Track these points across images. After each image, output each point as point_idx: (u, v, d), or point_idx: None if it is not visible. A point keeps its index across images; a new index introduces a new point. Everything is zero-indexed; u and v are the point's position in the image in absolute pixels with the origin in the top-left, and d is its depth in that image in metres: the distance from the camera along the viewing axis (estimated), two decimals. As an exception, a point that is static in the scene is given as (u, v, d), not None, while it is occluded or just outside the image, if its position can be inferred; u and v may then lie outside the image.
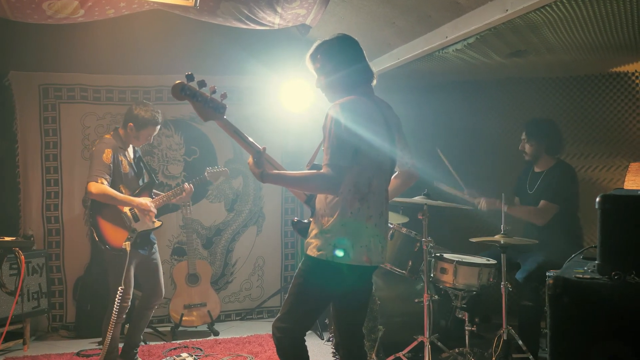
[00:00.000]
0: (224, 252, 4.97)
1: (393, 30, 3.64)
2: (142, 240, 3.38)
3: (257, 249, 5.05)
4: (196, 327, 4.50)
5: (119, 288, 3.16)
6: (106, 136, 3.40)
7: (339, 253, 2.18)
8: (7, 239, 3.15)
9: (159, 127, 3.44)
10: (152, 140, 3.51)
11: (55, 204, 4.55)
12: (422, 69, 4.17)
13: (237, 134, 2.32)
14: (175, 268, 4.54)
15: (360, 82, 2.36)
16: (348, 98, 2.27)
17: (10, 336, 4.01)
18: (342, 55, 2.34)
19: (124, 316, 3.31)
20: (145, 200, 3.38)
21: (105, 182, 3.24)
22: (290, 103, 4.69)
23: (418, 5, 3.19)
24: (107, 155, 3.27)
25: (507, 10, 2.66)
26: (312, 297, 2.29)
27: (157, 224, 3.46)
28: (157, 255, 3.52)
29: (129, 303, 3.30)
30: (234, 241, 5.00)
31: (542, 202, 3.54)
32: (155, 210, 3.42)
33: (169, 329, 4.51)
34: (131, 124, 3.34)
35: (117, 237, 3.29)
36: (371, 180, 2.25)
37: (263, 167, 2.26)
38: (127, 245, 3.16)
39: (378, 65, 4.02)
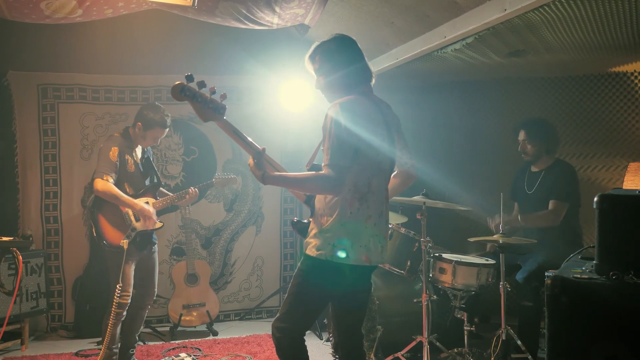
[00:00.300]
0: (223, 252, 4.97)
1: (392, 30, 3.64)
2: (143, 239, 3.38)
3: (256, 249, 5.05)
4: (195, 327, 4.49)
5: (117, 285, 3.17)
6: (115, 134, 3.43)
7: (341, 254, 2.18)
8: (4, 239, 3.15)
9: (167, 130, 3.44)
10: (159, 142, 3.51)
11: (54, 204, 4.54)
12: (420, 68, 4.17)
13: (236, 135, 2.32)
14: (174, 268, 4.53)
15: (359, 82, 2.36)
16: (347, 98, 2.27)
17: (9, 336, 4.00)
18: (341, 56, 2.34)
19: (124, 313, 3.31)
20: (147, 207, 3.38)
21: (111, 180, 3.26)
22: (290, 103, 4.69)
23: (416, 5, 3.19)
24: (114, 153, 3.29)
25: (505, 10, 2.66)
26: (312, 296, 2.29)
27: (158, 224, 3.47)
28: (156, 256, 3.53)
29: (129, 300, 3.31)
30: (233, 241, 4.99)
31: (551, 202, 3.51)
32: (155, 218, 3.42)
33: (167, 329, 4.51)
34: (140, 123, 3.36)
35: (116, 234, 3.30)
36: (371, 180, 2.25)
37: (264, 168, 2.26)
38: (124, 244, 3.16)
39: (377, 65, 4.02)
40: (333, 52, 2.34)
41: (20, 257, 3.46)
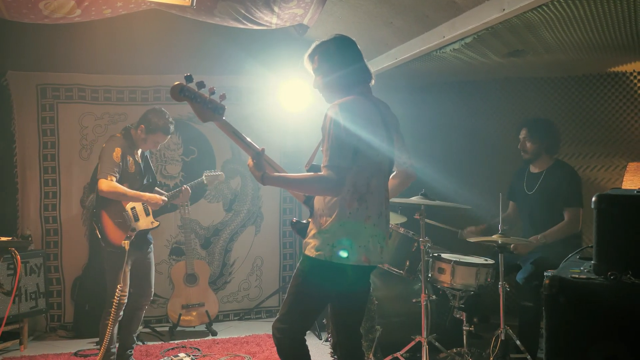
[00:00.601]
0: (222, 252, 4.97)
1: (390, 30, 3.64)
2: (139, 239, 3.39)
3: (255, 249, 5.04)
4: (194, 327, 4.49)
5: (118, 286, 3.17)
6: (117, 135, 3.44)
7: (341, 254, 2.18)
8: (3, 239, 3.15)
9: (168, 137, 3.48)
10: (158, 147, 3.53)
11: (53, 204, 4.54)
12: (420, 69, 4.16)
13: (236, 135, 2.32)
14: (174, 268, 4.53)
15: (358, 82, 2.36)
16: (347, 98, 2.27)
17: (8, 336, 4.01)
18: (340, 56, 2.34)
19: (121, 313, 3.32)
20: (153, 194, 3.44)
21: (114, 180, 3.28)
22: (289, 103, 4.69)
23: (415, 4, 3.18)
24: (117, 153, 3.31)
25: (504, 10, 2.66)
26: (311, 297, 2.29)
27: (155, 224, 3.48)
28: (152, 256, 3.54)
29: (126, 300, 3.32)
30: (232, 241, 4.99)
31: (567, 211, 3.48)
32: (165, 199, 3.48)
33: (167, 329, 4.50)
34: (143, 126, 3.38)
35: (117, 235, 3.32)
36: (370, 180, 2.25)
37: (263, 169, 2.27)
38: (126, 244, 3.18)
39: (376, 65, 4.02)
40: (332, 53, 2.34)
41: (19, 257, 3.46)
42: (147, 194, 3.41)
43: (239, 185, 4.99)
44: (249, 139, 2.33)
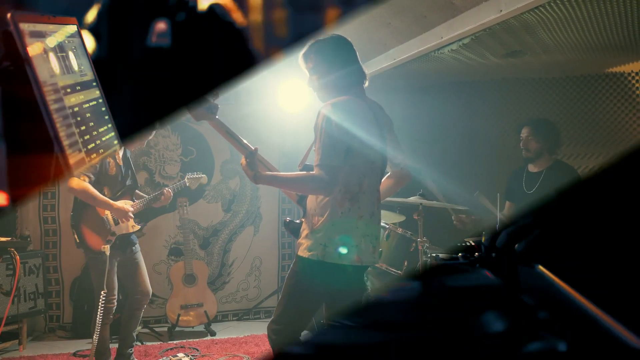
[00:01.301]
0: (221, 253, 4.97)
1: (388, 31, 3.64)
2: (122, 242, 3.36)
3: (254, 249, 5.05)
4: (193, 327, 4.50)
5: (102, 292, 3.11)
6: None
7: (333, 254, 2.18)
8: (2, 239, 3.16)
9: (154, 132, 3.45)
10: (144, 145, 3.51)
11: (52, 205, 4.55)
12: (418, 69, 4.17)
13: (229, 135, 2.33)
14: (172, 268, 4.54)
15: (353, 84, 2.36)
16: (341, 98, 2.27)
17: (7, 336, 4.01)
18: (336, 56, 2.34)
19: (111, 317, 3.31)
20: (124, 204, 3.33)
21: (87, 180, 3.18)
22: (288, 103, 4.68)
23: (413, 5, 3.19)
24: None
25: (501, 11, 2.66)
26: (305, 297, 2.30)
27: (136, 227, 3.44)
28: (139, 255, 3.48)
29: (115, 304, 3.30)
30: (231, 241, 5.00)
31: None
32: (132, 215, 3.37)
33: (165, 329, 4.51)
34: None
35: (95, 240, 3.25)
36: (362, 180, 2.25)
37: (256, 168, 2.27)
38: (106, 249, 3.12)
39: (374, 65, 4.02)
40: (328, 53, 2.33)
41: (18, 258, 3.47)
42: (117, 204, 3.27)
43: (238, 185, 4.99)
44: (245, 141, 2.34)
